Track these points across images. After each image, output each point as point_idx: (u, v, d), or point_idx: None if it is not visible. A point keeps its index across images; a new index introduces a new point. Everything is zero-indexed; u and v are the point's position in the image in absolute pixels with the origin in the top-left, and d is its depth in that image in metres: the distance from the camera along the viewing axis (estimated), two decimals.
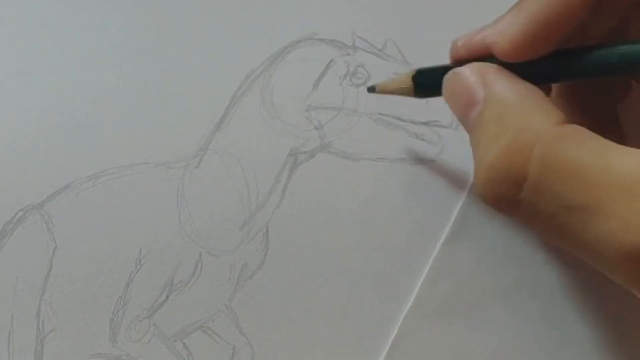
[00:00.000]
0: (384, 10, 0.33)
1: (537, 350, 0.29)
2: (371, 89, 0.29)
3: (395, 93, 0.29)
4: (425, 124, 0.31)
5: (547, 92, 0.28)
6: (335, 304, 0.30)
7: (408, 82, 0.28)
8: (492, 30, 0.25)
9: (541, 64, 0.25)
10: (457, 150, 0.31)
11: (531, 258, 0.30)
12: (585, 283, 0.29)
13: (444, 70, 0.27)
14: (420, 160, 0.31)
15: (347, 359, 0.29)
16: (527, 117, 0.23)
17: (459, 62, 0.26)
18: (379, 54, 0.32)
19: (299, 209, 0.31)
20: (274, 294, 0.30)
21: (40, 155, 0.31)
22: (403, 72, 0.29)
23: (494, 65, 0.25)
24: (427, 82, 0.28)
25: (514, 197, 0.22)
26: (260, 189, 0.31)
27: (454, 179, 0.31)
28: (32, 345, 0.29)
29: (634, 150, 0.21)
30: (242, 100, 0.32)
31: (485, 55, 0.25)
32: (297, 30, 0.32)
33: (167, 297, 0.30)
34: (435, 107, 0.31)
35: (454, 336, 0.29)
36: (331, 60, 0.32)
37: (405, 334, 0.29)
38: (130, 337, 0.29)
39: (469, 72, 0.25)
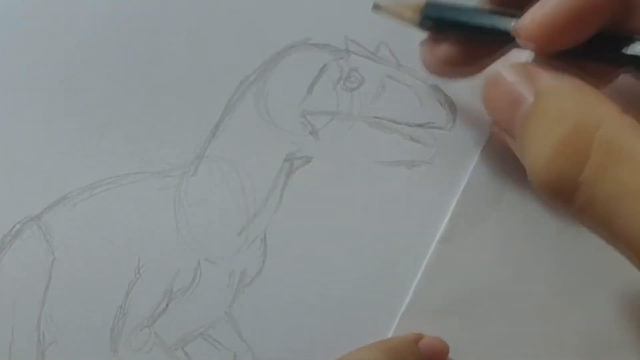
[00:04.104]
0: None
1: (533, 348, 0.29)
2: (376, 7, 0.29)
3: (400, 18, 0.29)
4: (420, 126, 0.31)
5: None
6: (334, 306, 0.30)
7: (415, 11, 0.28)
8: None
9: (576, 53, 0.24)
10: (452, 152, 0.31)
11: (526, 256, 0.30)
12: (581, 282, 0.29)
13: (453, 8, 0.27)
14: (416, 163, 0.31)
15: None
16: (587, 104, 0.22)
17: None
18: (372, 57, 0.32)
19: (296, 213, 0.31)
20: (274, 299, 0.30)
21: (36, 167, 0.31)
22: (411, 2, 0.28)
23: (534, 64, 0.25)
24: (434, 15, 0.28)
25: (575, 181, 0.22)
26: (257, 195, 0.31)
27: (449, 180, 0.31)
28: (33, 357, 0.29)
29: None
30: (236, 106, 0.32)
31: None
32: (290, 35, 0.32)
33: (167, 305, 0.30)
34: (429, 109, 0.31)
35: (450, 334, 0.29)
36: (325, 65, 0.32)
37: (403, 332, 0.29)
38: (131, 346, 0.29)
39: (512, 72, 0.25)
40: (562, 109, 0.23)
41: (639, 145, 0.21)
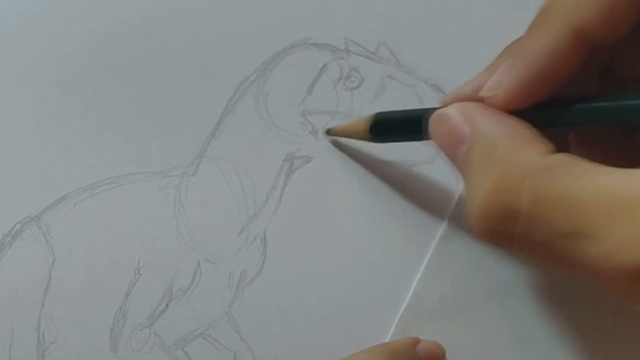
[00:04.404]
0: (376, 14, 0.33)
1: (532, 349, 0.29)
2: (328, 132, 0.31)
3: (351, 137, 0.30)
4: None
5: None
6: (333, 306, 0.30)
7: (365, 128, 0.29)
8: (483, 82, 0.25)
9: (532, 111, 0.24)
10: None
11: None
12: (581, 283, 0.29)
13: (402, 116, 0.28)
14: (416, 162, 0.31)
15: None
16: (514, 151, 0.23)
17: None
18: (372, 57, 0.32)
19: (296, 214, 0.31)
20: (274, 299, 0.30)
21: (36, 167, 0.31)
22: (360, 117, 0.29)
23: (478, 103, 0.25)
24: (385, 129, 0.29)
25: (509, 232, 0.22)
26: (257, 195, 0.31)
27: (448, 180, 0.31)
28: (33, 358, 0.29)
29: (622, 170, 0.21)
30: (236, 106, 0.32)
31: None
32: (290, 35, 0.32)
33: (167, 305, 0.30)
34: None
35: (450, 334, 0.29)
36: (325, 65, 0.32)
37: (402, 333, 0.29)
38: (131, 346, 0.29)
39: (454, 112, 0.25)
40: (491, 155, 0.23)
41: (566, 185, 0.21)
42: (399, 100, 0.32)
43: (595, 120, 0.24)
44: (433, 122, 0.26)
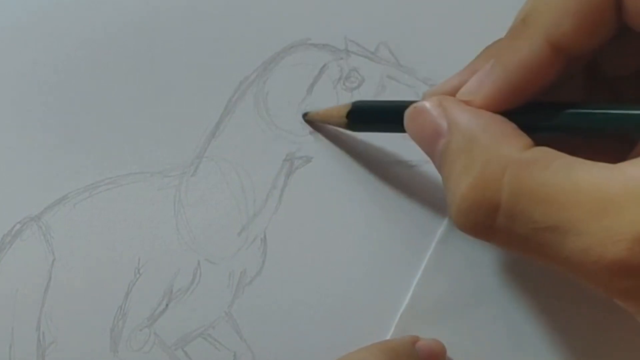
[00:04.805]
0: (375, 14, 0.33)
1: (531, 349, 0.29)
2: (305, 116, 0.31)
3: (329, 123, 0.30)
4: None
5: None
6: (333, 306, 0.30)
7: (342, 114, 0.29)
8: (464, 81, 0.25)
9: (512, 113, 0.24)
10: None
11: (525, 257, 0.30)
12: (579, 283, 0.29)
13: (380, 106, 0.28)
14: (416, 162, 0.31)
15: None
16: (493, 145, 0.23)
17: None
18: (372, 57, 0.32)
19: (296, 214, 0.31)
20: (273, 299, 0.30)
21: (36, 167, 0.31)
22: (340, 105, 0.30)
23: (454, 98, 0.25)
24: (362, 117, 0.29)
25: (490, 225, 0.22)
26: (257, 195, 0.31)
27: None
28: (33, 358, 0.29)
29: (601, 165, 0.21)
30: (236, 106, 0.32)
31: None
32: (289, 35, 0.32)
33: (167, 305, 0.30)
34: None
35: (449, 334, 0.29)
36: (324, 65, 0.32)
37: (402, 333, 0.29)
38: (131, 346, 0.29)
39: (429, 105, 0.25)
40: (470, 149, 0.23)
41: (546, 179, 0.21)
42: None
43: (571, 128, 0.24)
44: (409, 115, 0.26)
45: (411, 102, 0.26)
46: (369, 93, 0.32)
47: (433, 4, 0.33)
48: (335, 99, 0.32)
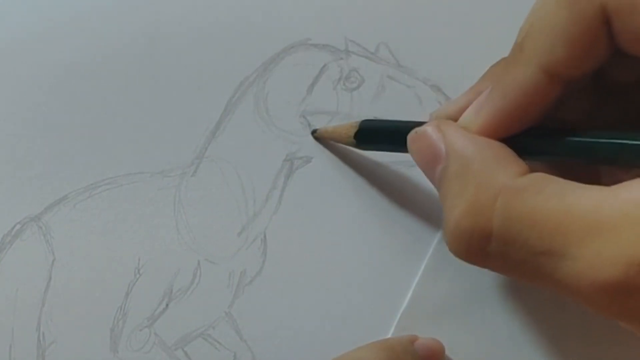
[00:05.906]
0: (375, 14, 0.33)
1: (531, 349, 0.29)
2: (314, 132, 0.31)
3: (337, 141, 0.30)
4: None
5: None
6: (333, 306, 0.30)
7: (350, 134, 0.29)
8: (468, 103, 0.25)
9: (511, 139, 0.24)
10: None
11: None
12: None
13: (387, 126, 0.28)
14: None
15: None
16: (487, 171, 0.23)
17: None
18: (372, 58, 0.32)
19: (296, 214, 0.31)
20: (273, 299, 0.30)
21: (36, 167, 0.31)
22: (347, 122, 0.30)
23: (453, 122, 0.25)
24: (369, 138, 0.29)
25: (483, 251, 0.23)
26: (257, 195, 0.31)
27: None
28: (33, 358, 0.29)
29: (595, 188, 0.21)
30: (236, 107, 0.32)
31: None
32: (290, 36, 0.32)
33: (167, 305, 0.30)
34: (429, 109, 0.31)
35: (450, 334, 0.29)
36: (324, 65, 0.32)
37: (402, 333, 0.29)
38: (131, 346, 0.29)
39: (430, 130, 0.25)
40: (465, 175, 0.23)
41: (538, 205, 0.21)
42: (399, 100, 0.32)
43: (570, 155, 0.24)
44: (411, 139, 0.26)
45: (417, 123, 0.27)
46: (369, 93, 0.32)
47: (433, 4, 0.33)
48: (335, 99, 0.32)
